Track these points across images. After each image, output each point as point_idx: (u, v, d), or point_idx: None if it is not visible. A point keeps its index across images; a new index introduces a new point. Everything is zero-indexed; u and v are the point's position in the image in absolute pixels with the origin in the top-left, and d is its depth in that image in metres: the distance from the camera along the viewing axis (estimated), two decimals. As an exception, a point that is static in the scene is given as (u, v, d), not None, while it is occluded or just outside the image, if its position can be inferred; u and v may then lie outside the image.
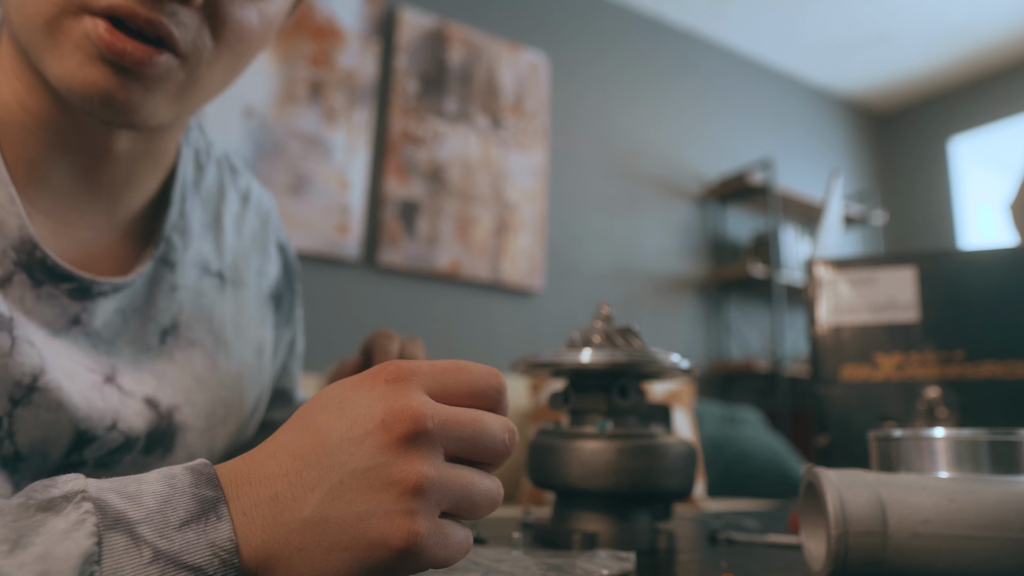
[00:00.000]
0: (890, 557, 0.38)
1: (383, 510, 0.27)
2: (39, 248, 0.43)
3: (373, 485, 0.28)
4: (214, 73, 0.45)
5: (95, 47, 0.39)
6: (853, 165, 4.23)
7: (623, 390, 0.58)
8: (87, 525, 0.25)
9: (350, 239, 2.46)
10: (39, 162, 0.45)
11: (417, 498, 0.28)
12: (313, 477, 0.28)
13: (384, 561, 0.27)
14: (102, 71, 0.40)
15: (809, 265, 0.75)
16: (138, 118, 0.43)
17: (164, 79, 0.42)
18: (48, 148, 0.44)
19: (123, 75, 0.40)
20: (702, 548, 0.57)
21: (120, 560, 0.25)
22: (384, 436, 0.28)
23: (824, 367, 0.72)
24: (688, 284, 3.36)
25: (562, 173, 3.04)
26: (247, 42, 0.45)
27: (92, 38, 0.39)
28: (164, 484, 0.27)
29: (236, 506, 0.28)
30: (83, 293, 0.46)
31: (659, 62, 3.47)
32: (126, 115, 0.42)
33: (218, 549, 0.26)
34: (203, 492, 0.27)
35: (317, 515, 0.27)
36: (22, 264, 0.43)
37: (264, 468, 0.29)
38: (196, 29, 0.42)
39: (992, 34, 3.64)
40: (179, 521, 0.26)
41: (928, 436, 0.43)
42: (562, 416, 0.58)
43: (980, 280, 0.69)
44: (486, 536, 0.59)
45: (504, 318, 2.79)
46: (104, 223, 0.49)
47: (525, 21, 3.04)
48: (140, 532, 0.25)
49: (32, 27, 0.40)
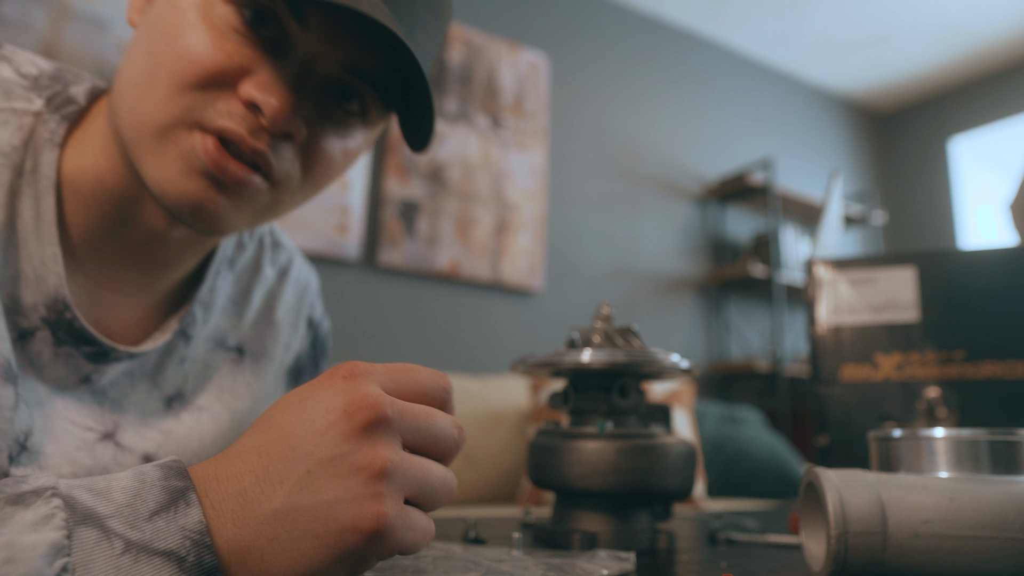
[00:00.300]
0: (890, 557, 0.38)
1: (351, 495, 0.28)
2: (70, 309, 0.45)
3: (340, 472, 0.29)
4: (295, 199, 0.48)
5: (200, 160, 0.42)
6: (853, 165, 4.23)
7: (623, 390, 0.58)
8: (56, 520, 0.25)
9: (350, 239, 2.46)
10: (96, 230, 0.47)
11: (383, 482, 0.29)
12: (280, 470, 0.29)
13: (354, 545, 0.28)
14: (200, 184, 0.43)
15: (809, 265, 0.75)
16: (219, 229, 0.46)
17: (253, 199, 0.45)
18: (109, 220, 0.47)
19: (219, 189, 0.43)
20: (702, 548, 0.57)
21: (91, 553, 0.25)
22: (347, 425, 0.29)
23: (824, 367, 0.72)
24: (688, 284, 3.36)
25: (562, 173, 3.04)
26: (330, 176, 0.49)
27: (199, 152, 0.42)
28: (134, 479, 0.28)
29: (206, 501, 0.28)
30: (100, 357, 0.48)
31: (659, 62, 3.47)
32: (210, 225, 0.45)
33: (189, 532, 0.27)
34: (172, 483, 0.28)
35: (286, 506, 0.28)
36: (49, 321, 0.45)
37: (231, 467, 0.29)
38: (291, 161, 0.45)
39: (992, 34, 3.64)
40: (149, 512, 0.27)
41: (928, 436, 0.43)
42: (562, 416, 0.57)
43: (980, 280, 0.69)
44: (486, 536, 0.59)
45: (504, 318, 2.79)
46: (139, 292, 0.51)
47: (525, 21, 3.04)
48: (110, 526, 0.26)
49: (142, 128, 0.42)
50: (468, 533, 0.57)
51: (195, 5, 0.42)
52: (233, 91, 0.42)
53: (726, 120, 3.68)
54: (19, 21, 1.98)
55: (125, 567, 0.25)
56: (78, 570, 0.24)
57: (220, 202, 0.44)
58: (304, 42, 0.43)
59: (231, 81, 0.42)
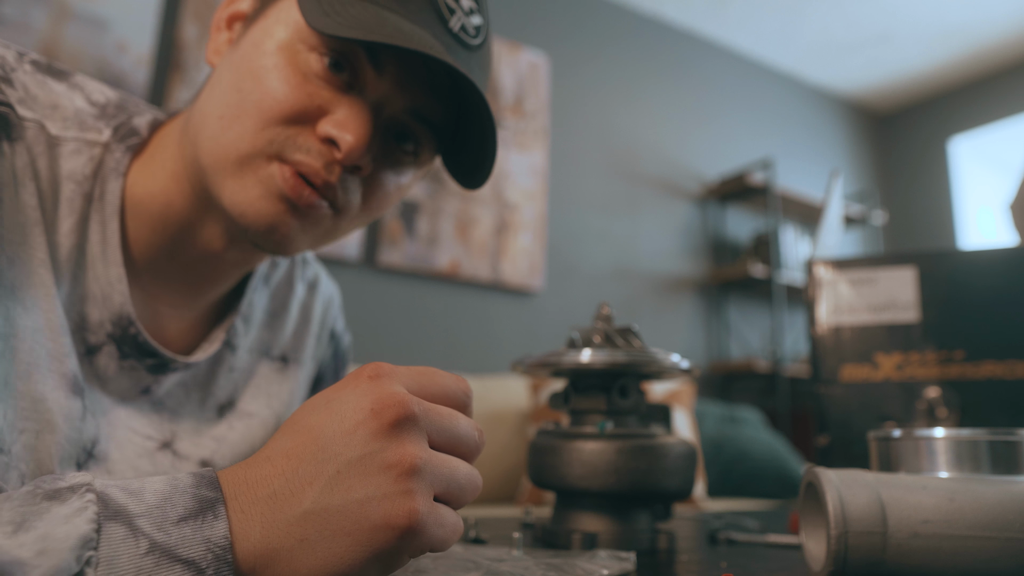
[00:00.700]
0: (890, 557, 0.38)
1: (382, 493, 0.29)
2: (134, 325, 0.50)
3: (370, 471, 0.29)
4: (351, 226, 0.53)
5: (277, 187, 0.47)
6: (853, 165, 4.23)
7: (623, 390, 0.58)
8: (88, 513, 0.26)
9: (350, 239, 2.46)
10: (157, 250, 0.51)
11: (413, 479, 0.29)
12: (310, 472, 0.29)
13: (387, 543, 0.28)
14: (277, 207, 0.47)
15: (809, 265, 0.75)
16: (286, 249, 0.50)
17: (318, 223, 0.50)
18: (171, 241, 0.51)
19: (292, 212, 0.48)
20: (702, 548, 0.57)
21: (117, 548, 0.25)
22: (375, 424, 0.30)
23: (824, 367, 0.72)
24: (688, 284, 3.35)
25: (562, 173, 3.04)
26: (383, 208, 0.54)
27: (277, 179, 0.47)
28: (166, 484, 0.28)
29: (234, 504, 0.28)
30: (160, 369, 0.52)
31: (659, 62, 3.47)
32: (279, 244, 0.49)
33: (212, 545, 0.27)
34: (203, 492, 0.28)
35: (317, 506, 0.28)
36: (115, 337, 0.49)
37: (260, 470, 0.30)
38: (353, 192, 0.50)
39: (992, 34, 3.64)
40: (177, 517, 0.27)
41: (928, 436, 0.43)
42: (562, 416, 0.58)
43: (980, 280, 0.69)
44: (486, 536, 0.59)
45: (504, 318, 2.79)
46: (188, 305, 0.55)
47: (525, 21, 3.04)
48: (139, 525, 0.26)
49: (225, 155, 0.47)
50: (468, 533, 0.57)
51: (281, 49, 0.47)
52: (312, 129, 0.47)
53: (726, 120, 3.68)
54: (19, 21, 1.98)
55: (147, 568, 0.26)
56: (102, 564, 0.25)
57: (292, 224, 0.48)
58: (376, 86, 0.48)
59: (311, 119, 0.47)
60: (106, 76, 2.08)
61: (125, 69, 2.13)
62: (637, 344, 0.60)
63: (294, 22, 0.47)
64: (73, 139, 0.48)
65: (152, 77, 2.20)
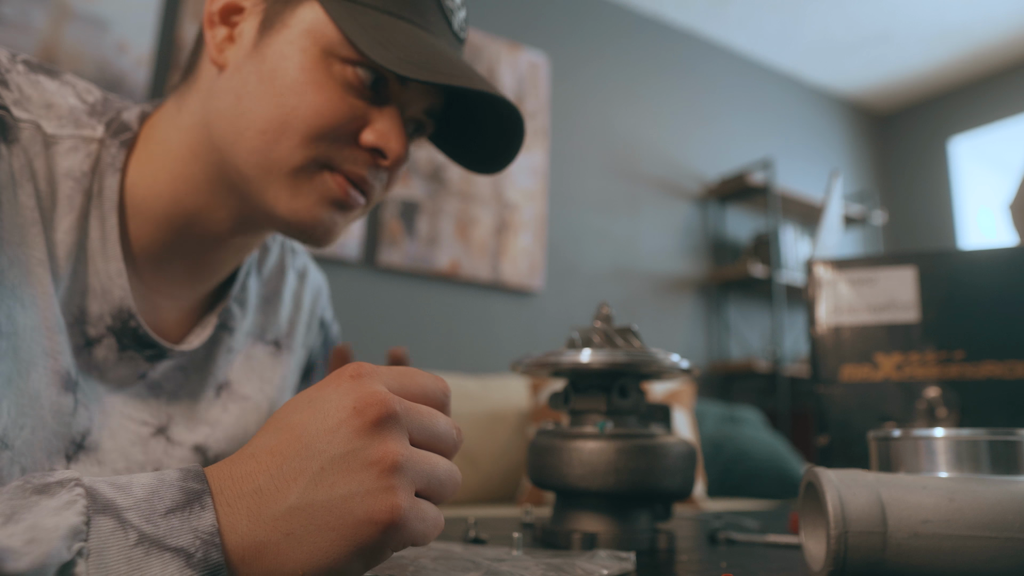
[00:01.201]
0: (890, 557, 0.38)
1: (365, 489, 0.29)
2: (135, 318, 0.51)
3: (353, 467, 0.30)
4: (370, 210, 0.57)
5: (333, 193, 0.51)
6: (853, 165, 4.23)
7: (623, 390, 0.58)
8: (77, 506, 0.26)
9: (350, 239, 2.46)
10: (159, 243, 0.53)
11: (395, 475, 0.30)
12: (294, 468, 0.30)
13: (371, 537, 0.29)
14: (329, 211, 0.52)
15: (809, 265, 0.75)
16: (329, 242, 0.54)
17: (355, 215, 0.54)
18: (174, 234, 0.53)
19: (340, 212, 0.52)
20: (702, 548, 0.57)
21: (106, 540, 0.26)
22: (357, 421, 0.30)
23: (824, 367, 0.72)
24: (688, 284, 3.35)
25: (562, 173, 3.04)
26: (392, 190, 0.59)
27: (332, 188, 0.51)
28: (153, 478, 0.29)
29: (220, 498, 0.29)
30: (159, 357, 0.54)
31: (659, 62, 3.47)
32: (325, 239, 0.53)
33: (200, 533, 0.28)
34: (190, 485, 0.29)
35: (302, 502, 0.29)
36: (114, 330, 0.51)
37: (245, 466, 0.30)
38: (381, 183, 0.54)
39: (992, 34, 3.64)
40: (165, 509, 0.28)
41: (928, 436, 0.43)
42: (562, 416, 0.58)
43: (980, 280, 0.69)
44: (486, 536, 0.59)
45: (504, 318, 2.79)
46: (188, 294, 0.57)
47: (525, 21, 3.04)
48: (127, 517, 0.27)
49: (275, 169, 0.50)
50: (468, 533, 0.57)
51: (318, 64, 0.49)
52: (354, 139, 0.51)
53: (726, 120, 3.68)
54: (19, 21, 1.98)
55: (136, 558, 0.26)
56: (92, 555, 0.25)
57: (339, 222, 0.53)
58: (400, 92, 0.52)
59: (355, 131, 0.51)
60: (106, 76, 2.08)
61: (125, 69, 2.13)
62: (637, 344, 0.60)
63: (322, 34, 0.49)
64: (69, 136, 0.49)
65: (152, 77, 2.19)
